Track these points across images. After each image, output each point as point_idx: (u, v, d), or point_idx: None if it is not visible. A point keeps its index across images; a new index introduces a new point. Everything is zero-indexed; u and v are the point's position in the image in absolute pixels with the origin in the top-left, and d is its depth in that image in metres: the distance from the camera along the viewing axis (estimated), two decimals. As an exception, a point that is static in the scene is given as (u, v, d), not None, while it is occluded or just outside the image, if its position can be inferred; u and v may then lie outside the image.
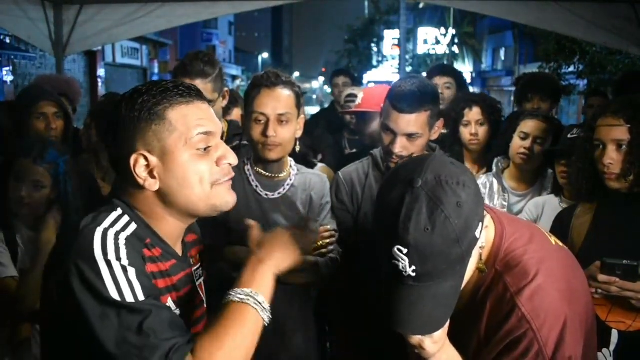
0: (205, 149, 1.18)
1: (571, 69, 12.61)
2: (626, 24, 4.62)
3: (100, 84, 14.97)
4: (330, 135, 3.97)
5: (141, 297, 1.05)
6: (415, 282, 1.09)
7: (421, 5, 22.86)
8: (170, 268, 1.22)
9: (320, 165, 3.06)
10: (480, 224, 1.12)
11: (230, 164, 1.22)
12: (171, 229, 1.23)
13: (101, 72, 15.25)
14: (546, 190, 2.55)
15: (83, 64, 14.23)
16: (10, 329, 2.04)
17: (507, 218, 1.33)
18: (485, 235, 1.22)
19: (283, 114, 1.93)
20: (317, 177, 2.15)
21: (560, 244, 1.35)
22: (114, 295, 1.03)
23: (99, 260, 1.05)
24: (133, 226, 1.16)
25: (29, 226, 2.15)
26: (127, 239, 1.12)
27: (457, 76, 3.66)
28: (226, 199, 1.23)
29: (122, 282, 1.04)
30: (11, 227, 2.10)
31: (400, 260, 1.07)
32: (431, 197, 1.07)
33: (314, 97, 52.78)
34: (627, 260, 1.68)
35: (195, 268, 1.37)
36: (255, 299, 1.13)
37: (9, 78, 10.84)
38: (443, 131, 2.50)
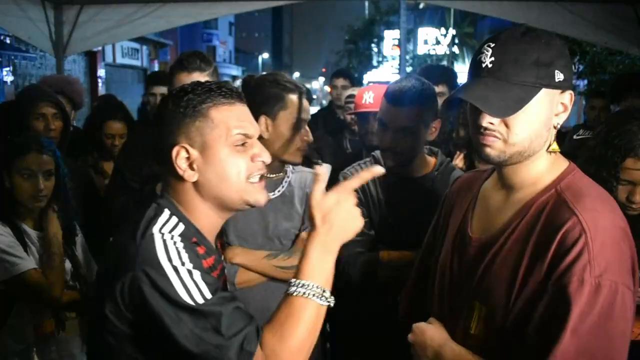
0: (242, 144, 1.26)
1: (571, 69, 12.61)
2: (626, 24, 4.63)
3: (100, 84, 14.97)
4: (330, 136, 3.96)
5: (209, 296, 1.12)
6: (488, 74, 1.19)
7: (421, 6, 22.81)
8: (212, 264, 1.28)
9: (324, 165, 3.06)
10: (562, 75, 1.20)
11: (263, 162, 1.29)
12: (210, 223, 1.30)
13: (101, 72, 15.25)
14: None
15: (83, 64, 14.23)
16: (36, 322, 2.12)
17: None
18: (557, 163, 1.29)
19: None
20: (313, 174, 2.15)
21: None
22: (186, 299, 1.10)
23: (165, 267, 1.12)
24: (181, 227, 1.22)
25: (32, 226, 2.18)
26: (181, 241, 1.18)
27: (450, 81, 3.47)
28: (257, 197, 1.28)
29: (191, 286, 1.12)
30: (17, 227, 2.15)
31: (485, 52, 1.20)
32: (533, 27, 1.23)
33: (314, 97, 52.73)
34: None
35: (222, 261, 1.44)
36: (312, 289, 1.15)
37: (9, 78, 10.83)
38: None
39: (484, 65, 1.20)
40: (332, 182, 2.49)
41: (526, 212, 1.25)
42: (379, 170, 1.25)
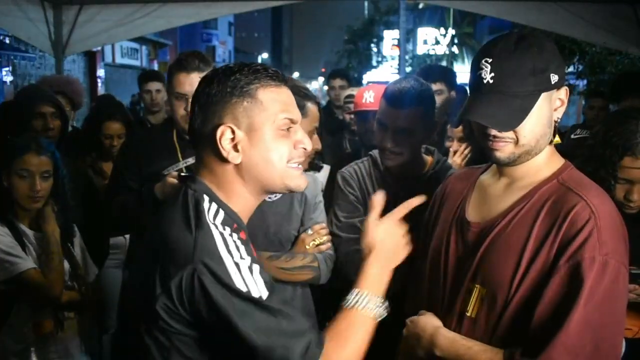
0: (287, 129, 1.24)
1: (571, 69, 12.58)
2: (626, 24, 4.62)
3: (99, 84, 14.98)
4: (329, 136, 3.96)
5: (265, 294, 1.10)
6: (490, 90, 1.26)
7: (421, 6, 22.81)
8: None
9: (326, 166, 3.05)
10: (556, 76, 1.27)
11: (305, 149, 1.27)
12: (246, 206, 1.27)
13: (101, 72, 15.27)
14: None
15: (83, 65, 14.24)
16: (35, 322, 2.13)
17: None
18: (554, 158, 1.37)
19: None
20: (309, 176, 2.15)
21: None
22: (252, 292, 1.09)
23: (225, 260, 1.10)
24: (222, 213, 1.20)
25: (28, 225, 2.18)
26: (232, 231, 1.16)
27: (448, 79, 3.41)
28: (299, 182, 1.27)
29: (250, 282, 1.10)
30: (15, 226, 2.16)
31: (484, 68, 1.27)
32: (524, 35, 1.30)
33: (314, 97, 52.51)
34: None
35: None
36: (364, 301, 1.19)
37: (8, 78, 10.85)
38: None
39: (485, 82, 1.27)
40: (331, 182, 2.49)
41: (529, 199, 1.33)
42: (419, 200, 1.36)
